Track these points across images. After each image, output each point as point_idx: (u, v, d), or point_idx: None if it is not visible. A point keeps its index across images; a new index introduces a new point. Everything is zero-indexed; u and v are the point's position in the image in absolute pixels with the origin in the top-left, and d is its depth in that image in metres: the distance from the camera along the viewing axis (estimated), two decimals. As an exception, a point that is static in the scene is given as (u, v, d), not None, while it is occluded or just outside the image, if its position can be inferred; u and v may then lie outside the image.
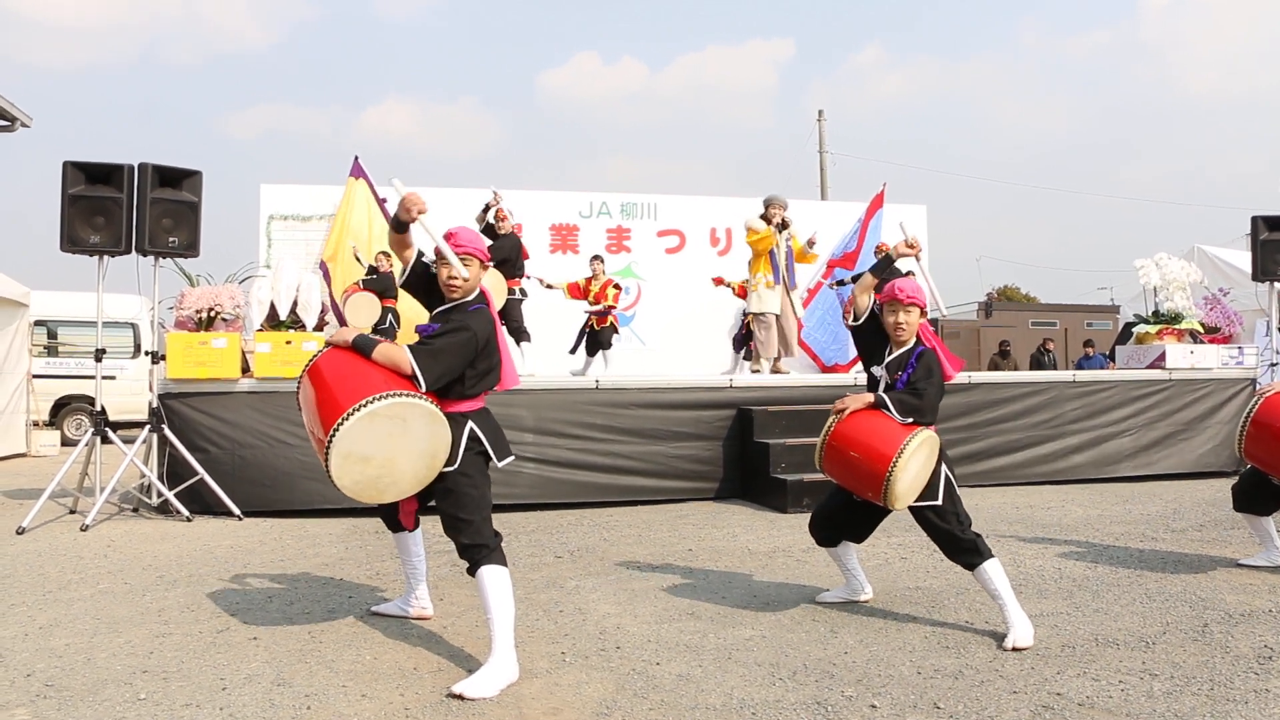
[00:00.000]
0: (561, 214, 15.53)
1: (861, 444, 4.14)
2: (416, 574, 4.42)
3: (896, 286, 4.30)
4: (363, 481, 3.60)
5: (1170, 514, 7.33)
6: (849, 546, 4.67)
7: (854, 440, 4.17)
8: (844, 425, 4.21)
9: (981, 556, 4.12)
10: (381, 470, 3.61)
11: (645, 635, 4.19)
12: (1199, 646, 3.98)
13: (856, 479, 4.20)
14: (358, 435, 3.50)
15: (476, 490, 3.80)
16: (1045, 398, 9.11)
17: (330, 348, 3.77)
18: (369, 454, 3.55)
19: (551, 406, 7.94)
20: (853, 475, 4.21)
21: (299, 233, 14.29)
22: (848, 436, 4.19)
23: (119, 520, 7.27)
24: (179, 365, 7.39)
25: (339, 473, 3.54)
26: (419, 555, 4.39)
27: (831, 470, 4.32)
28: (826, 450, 4.25)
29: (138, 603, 4.77)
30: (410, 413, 3.58)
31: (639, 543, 6.35)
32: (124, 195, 7.33)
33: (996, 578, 4.10)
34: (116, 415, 12.25)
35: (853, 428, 4.19)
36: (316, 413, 3.63)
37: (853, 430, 4.18)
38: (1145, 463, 9.35)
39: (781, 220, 9.93)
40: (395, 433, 3.57)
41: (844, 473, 4.27)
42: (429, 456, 3.69)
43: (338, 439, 3.48)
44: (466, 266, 3.83)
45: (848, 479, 4.28)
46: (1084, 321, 25.16)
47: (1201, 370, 9.68)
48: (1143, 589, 4.95)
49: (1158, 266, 10.08)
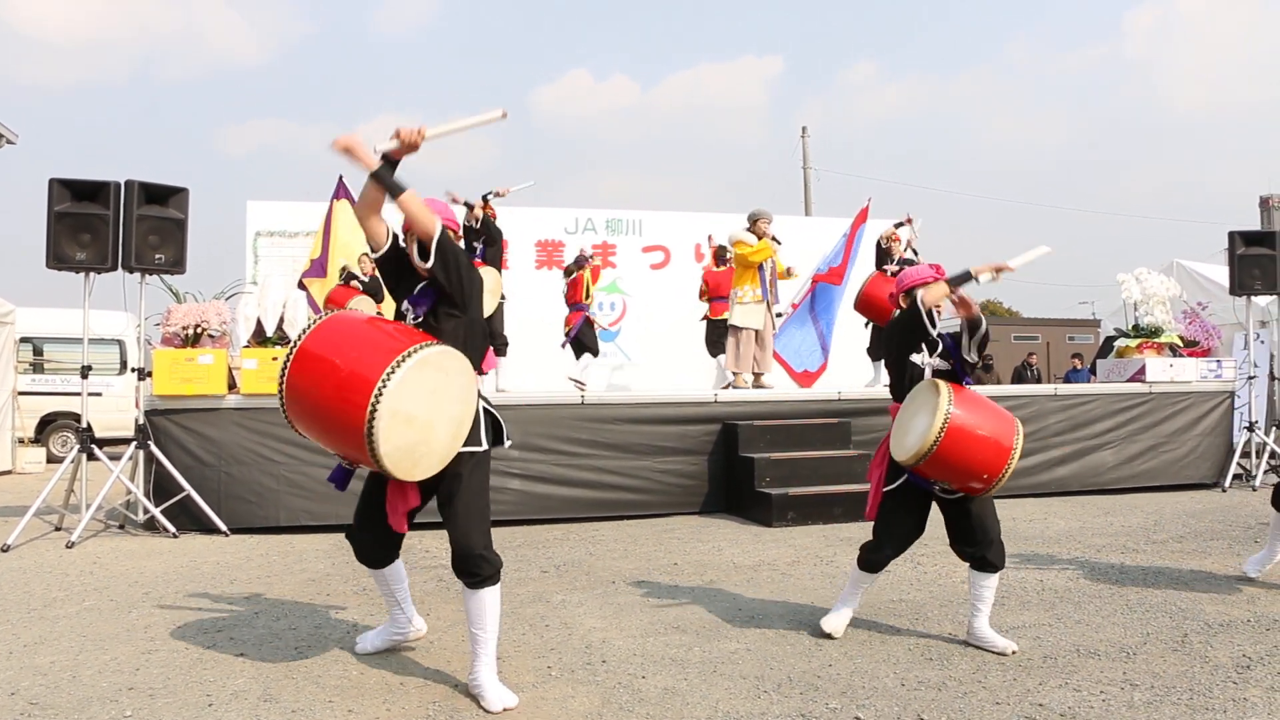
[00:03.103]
0: (547, 230, 15.57)
1: (984, 429, 3.95)
2: (404, 598, 4.09)
3: (928, 270, 4.32)
4: (403, 447, 3.28)
5: (1151, 526, 7.37)
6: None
7: (975, 426, 3.95)
8: (960, 406, 3.96)
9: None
10: (421, 435, 3.33)
11: (631, 649, 4.19)
12: (1179, 657, 4.01)
13: (971, 465, 3.96)
14: (408, 388, 3.22)
15: (488, 490, 3.69)
16: (1029, 411, 9.16)
17: (306, 333, 3.40)
18: (414, 413, 3.27)
19: (536, 422, 7.94)
20: (969, 462, 3.96)
21: (286, 249, 14.29)
22: (967, 416, 3.96)
23: (105, 537, 7.23)
24: (165, 382, 7.37)
25: (387, 433, 3.19)
26: (402, 580, 4.06)
27: (936, 467, 4.01)
28: (945, 441, 3.91)
29: (123, 620, 4.75)
30: (451, 363, 3.40)
31: (625, 557, 6.36)
32: (110, 212, 7.31)
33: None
34: (103, 432, 12.18)
35: (969, 413, 3.98)
36: (342, 386, 3.24)
37: (970, 415, 3.97)
38: (1127, 475, 9.40)
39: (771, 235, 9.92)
40: (439, 388, 3.34)
41: (956, 463, 3.97)
42: (458, 424, 3.46)
43: (389, 392, 3.16)
44: None
45: (956, 470, 4.00)
46: (1066, 335, 25.33)
47: (1181, 383, 9.75)
48: (1124, 600, 4.98)
49: (1138, 281, 10.16)
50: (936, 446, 3.91)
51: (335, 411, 3.28)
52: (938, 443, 3.91)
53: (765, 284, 9.89)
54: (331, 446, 3.50)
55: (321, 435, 3.46)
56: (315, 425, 3.43)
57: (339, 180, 13.38)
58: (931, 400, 4.05)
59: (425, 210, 3.54)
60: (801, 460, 8.02)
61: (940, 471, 4.04)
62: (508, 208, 15.93)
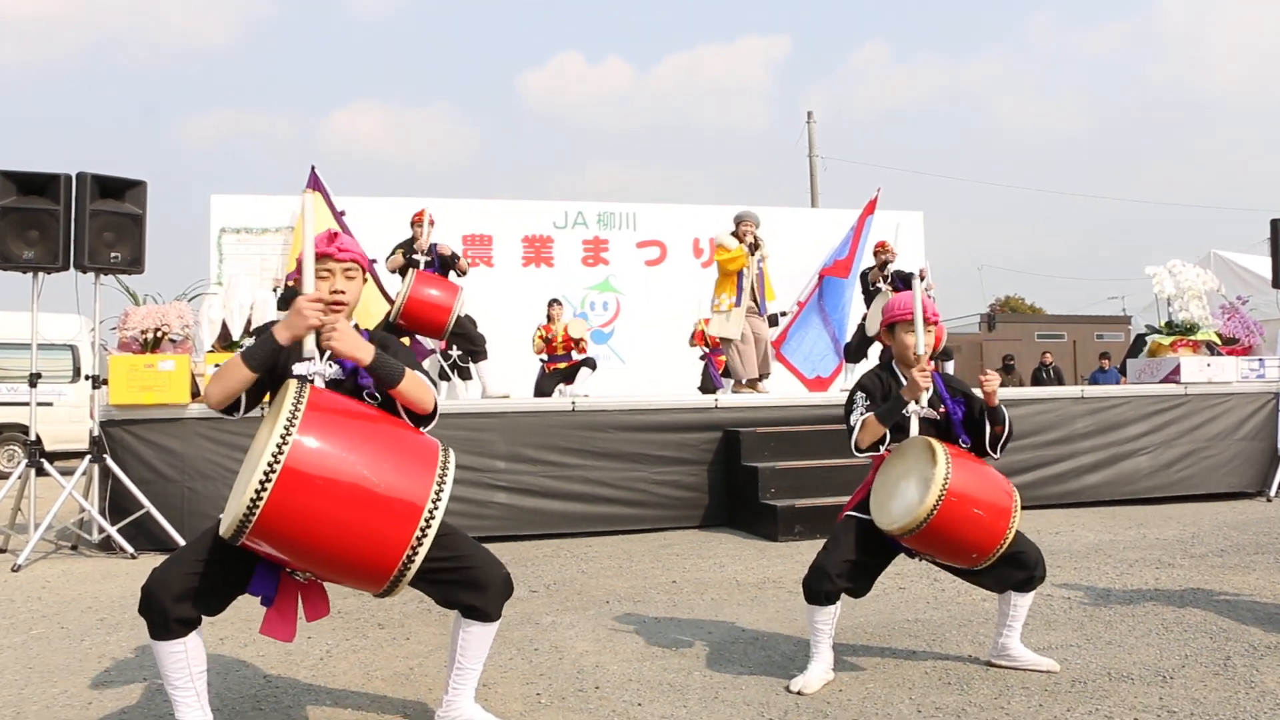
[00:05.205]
0: (535, 225, 15.60)
1: (981, 505, 3.77)
2: (202, 686, 3.17)
3: (908, 303, 4.12)
4: None
5: (1189, 538, 7.36)
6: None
7: (973, 502, 3.76)
8: (958, 480, 3.73)
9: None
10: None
11: (626, 674, 4.18)
12: (1221, 681, 3.98)
13: (963, 543, 3.82)
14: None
15: None
16: (1053, 416, 9.15)
17: (302, 434, 2.77)
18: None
19: (525, 430, 7.93)
20: (961, 540, 3.82)
21: (252, 247, 14.30)
22: (965, 493, 3.74)
23: (56, 559, 7.20)
24: (122, 390, 7.34)
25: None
26: (203, 661, 3.16)
27: (922, 542, 3.84)
28: (937, 519, 3.70)
29: (75, 649, 4.72)
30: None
31: (619, 575, 6.34)
32: (61, 207, 7.28)
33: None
34: (53, 445, 12.19)
35: (968, 487, 3.76)
36: (371, 510, 2.79)
37: (969, 489, 3.76)
38: (1162, 483, 9.39)
39: (754, 240, 9.85)
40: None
41: (947, 540, 3.82)
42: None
43: (438, 516, 2.84)
44: (350, 280, 3.32)
45: (945, 546, 3.87)
46: (1094, 333, 25.40)
47: (1219, 384, 9.73)
48: (1159, 619, 4.97)
49: (1171, 274, 10.14)
50: (927, 524, 3.71)
51: (354, 541, 2.80)
52: (929, 520, 3.70)
53: (743, 291, 9.77)
54: (326, 574, 3.04)
55: (313, 563, 2.95)
56: (309, 556, 2.90)
57: (311, 171, 13.38)
58: (925, 467, 3.83)
59: (427, 390, 3.19)
60: (809, 469, 8.00)
61: (926, 546, 3.89)
62: (491, 201, 16.00)
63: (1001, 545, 3.81)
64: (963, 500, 3.72)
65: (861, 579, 4.02)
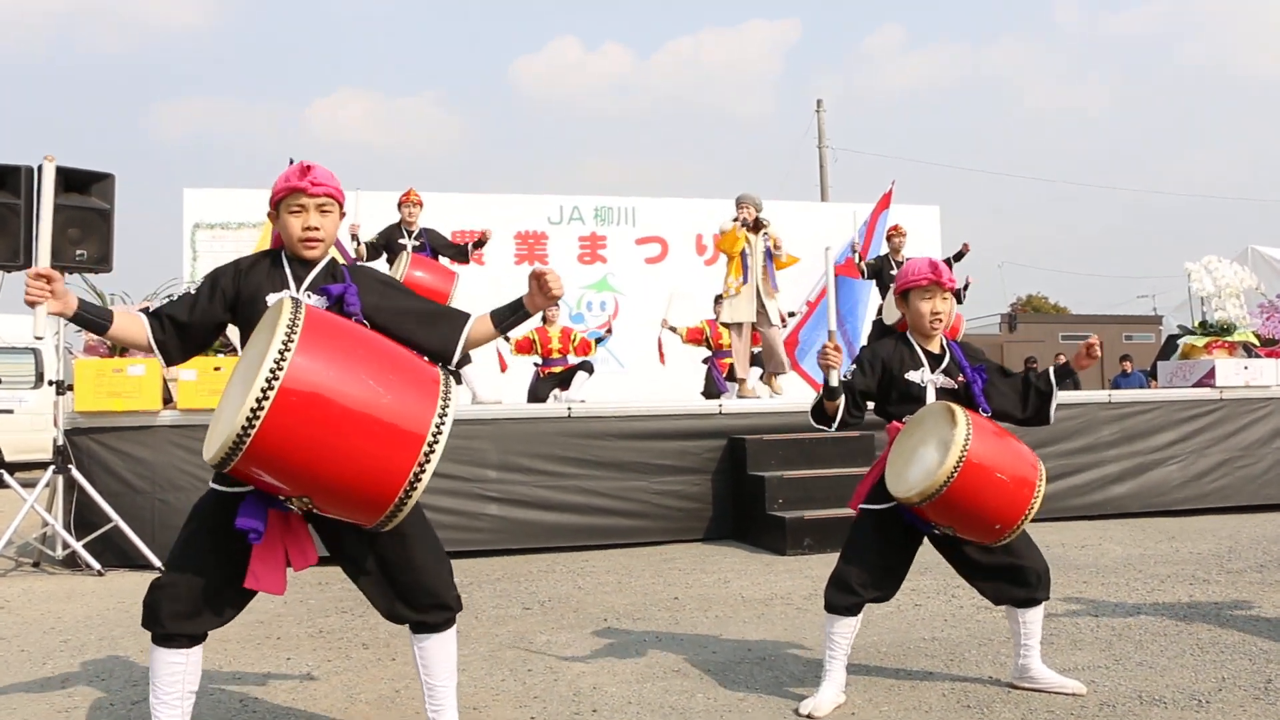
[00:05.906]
0: (529, 220, 15.61)
1: (1005, 471, 3.78)
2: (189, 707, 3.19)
3: (929, 267, 4.13)
4: None
5: (1224, 553, 7.36)
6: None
7: (995, 466, 3.75)
8: (979, 443, 3.72)
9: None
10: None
11: (625, 696, 4.17)
12: (1261, 706, 3.97)
13: (985, 512, 3.79)
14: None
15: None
16: (1077, 422, 9.13)
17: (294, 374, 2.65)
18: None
19: (518, 439, 7.92)
20: (983, 509, 3.78)
21: (228, 243, 14.29)
22: (987, 456, 3.74)
23: (16, 577, 7.19)
24: (89, 396, 7.34)
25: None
26: (197, 678, 3.20)
27: (942, 511, 3.80)
28: (958, 482, 3.68)
29: (37, 673, 4.71)
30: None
31: (618, 591, 6.34)
32: (22, 201, 7.27)
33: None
34: (14, 455, 12.17)
35: (989, 450, 3.76)
36: (371, 435, 2.74)
37: (991, 452, 3.76)
38: (1195, 494, 9.37)
39: (756, 220, 9.91)
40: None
41: (968, 509, 3.79)
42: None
43: (440, 445, 2.79)
44: (325, 214, 3.34)
45: (966, 516, 3.82)
46: (1122, 334, 25.40)
47: (1258, 388, 9.71)
48: (1194, 639, 4.96)
49: (1208, 271, 10.09)
50: (948, 487, 3.67)
51: (355, 467, 2.74)
52: (949, 483, 3.66)
53: (749, 269, 9.83)
54: (323, 502, 2.91)
55: (309, 489, 2.86)
56: (305, 482, 2.82)
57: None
58: (944, 429, 3.82)
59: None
60: (819, 479, 8.00)
61: (946, 516, 3.85)
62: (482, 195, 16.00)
63: (1027, 515, 3.78)
64: (984, 463, 3.70)
65: (888, 584, 4.03)
